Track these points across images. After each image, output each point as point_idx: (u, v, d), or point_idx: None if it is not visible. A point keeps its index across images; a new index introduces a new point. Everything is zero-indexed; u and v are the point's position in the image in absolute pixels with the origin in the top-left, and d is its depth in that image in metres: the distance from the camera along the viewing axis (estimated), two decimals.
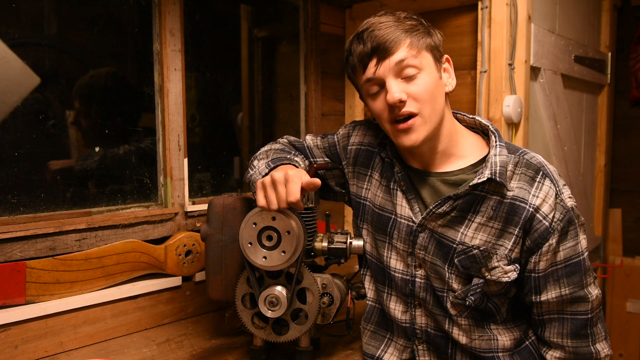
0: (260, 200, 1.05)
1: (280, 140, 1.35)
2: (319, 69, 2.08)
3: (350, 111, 2.23)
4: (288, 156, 1.21)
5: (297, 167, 1.15)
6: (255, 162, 1.23)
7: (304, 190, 1.03)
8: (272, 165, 1.15)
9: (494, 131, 1.10)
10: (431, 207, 1.09)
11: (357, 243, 1.25)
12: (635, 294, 2.67)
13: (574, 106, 2.29)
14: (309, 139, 1.37)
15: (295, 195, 1.01)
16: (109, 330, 1.43)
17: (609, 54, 2.62)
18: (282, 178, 1.02)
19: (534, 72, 1.86)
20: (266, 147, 1.31)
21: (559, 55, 2.04)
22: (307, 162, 1.27)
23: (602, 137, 2.65)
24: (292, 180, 1.02)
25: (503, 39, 1.69)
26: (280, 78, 2.10)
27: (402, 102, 1.04)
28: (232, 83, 1.91)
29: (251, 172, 1.21)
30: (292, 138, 1.37)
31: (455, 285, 1.09)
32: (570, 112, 2.23)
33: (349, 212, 2.25)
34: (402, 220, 1.15)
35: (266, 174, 1.13)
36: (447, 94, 1.12)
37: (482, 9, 1.73)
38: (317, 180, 1.03)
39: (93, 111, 1.51)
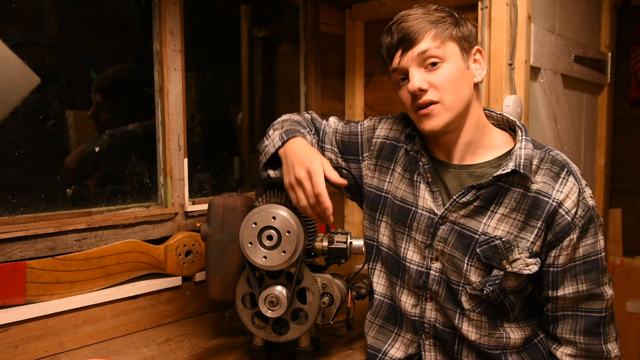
0: (294, 199, 1.11)
1: (305, 114, 1.36)
2: (319, 69, 2.08)
3: (350, 111, 2.23)
4: (302, 130, 1.23)
5: (307, 141, 1.20)
6: (271, 132, 1.25)
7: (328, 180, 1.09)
8: (285, 138, 1.18)
9: (521, 126, 1.12)
10: (455, 197, 1.10)
11: (357, 243, 1.25)
12: (635, 294, 2.67)
13: (574, 106, 2.29)
14: (332, 121, 1.36)
15: (320, 186, 1.06)
16: (109, 330, 1.43)
17: (609, 54, 2.62)
18: (305, 175, 1.07)
19: (534, 72, 1.86)
20: (284, 117, 1.32)
21: (559, 55, 2.04)
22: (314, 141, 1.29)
23: (602, 137, 2.65)
24: (315, 172, 1.06)
25: (503, 39, 1.69)
26: (280, 78, 2.09)
27: (422, 91, 1.07)
28: (232, 83, 1.91)
29: (266, 142, 1.23)
30: (315, 115, 1.37)
31: (473, 278, 1.10)
32: (570, 112, 2.23)
33: (349, 212, 2.25)
34: (423, 212, 1.16)
35: (280, 147, 1.17)
36: (476, 84, 1.13)
37: (482, 9, 1.73)
38: (344, 181, 1.11)
39: (112, 105, 1.53)
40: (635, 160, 2.76)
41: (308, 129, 1.29)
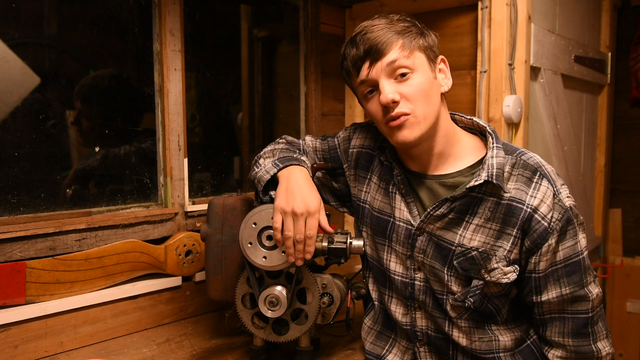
0: (278, 222, 1.10)
1: (280, 140, 1.36)
2: (319, 69, 2.08)
3: (350, 111, 2.23)
4: (294, 156, 1.22)
5: (305, 167, 1.18)
6: (261, 161, 1.24)
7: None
8: (281, 165, 1.16)
9: (491, 132, 1.10)
10: (429, 210, 1.09)
11: (357, 243, 1.25)
12: (635, 294, 2.67)
13: (574, 106, 2.29)
14: (309, 140, 1.37)
15: (313, 231, 1.10)
16: (109, 330, 1.43)
17: (609, 54, 2.62)
18: (304, 211, 1.09)
19: (534, 72, 1.86)
20: (270, 147, 1.31)
21: (559, 55, 2.04)
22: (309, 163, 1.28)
23: (602, 137, 2.66)
24: (313, 216, 1.10)
25: (503, 39, 1.69)
26: (280, 78, 2.10)
27: (395, 103, 1.04)
28: (232, 83, 1.91)
29: (256, 169, 1.22)
30: (290, 138, 1.37)
31: (454, 288, 1.09)
32: (570, 112, 2.23)
33: None
34: (401, 224, 1.15)
35: (275, 174, 1.16)
36: (443, 94, 1.12)
37: (482, 9, 1.73)
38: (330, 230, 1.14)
39: (94, 112, 1.51)
40: (635, 160, 2.76)
41: (298, 152, 1.29)
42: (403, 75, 1.05)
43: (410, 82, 1.05)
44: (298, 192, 1.10)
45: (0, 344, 1.23)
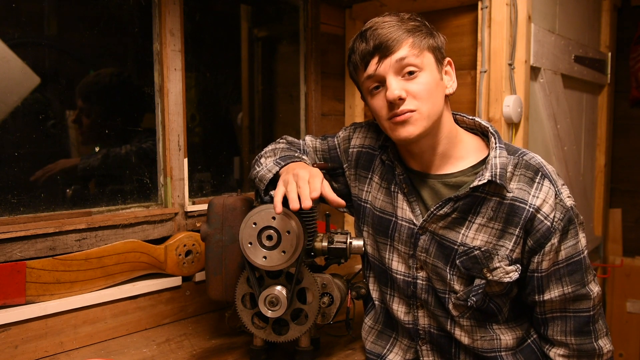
0: (278, 194, 1.05)
1: (280, 140, 1.36)
2: (319, 69, 2.08)
3: (350, 111, 2.23)
4: (295, 154, 1.23)
5: (307, 164, 1.18)
6: (262, 160, 1.25)
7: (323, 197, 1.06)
8: (283, 163, 1.17)
9: (494, 133, 1.11)
10: (432, 209, 1.09)
11: (357, 243, 1.25)
12: (635, 294, 2.67)
13: (574, 106, 2.29)
14: (309, 140, 1.37)
15: (317, 185, 1.03)
16: (109, 330, 1.43)
17: (609, 54, 2.62)
18: (306, 174, 1.05)
19: (534, 72, 1.86)
20: (271, 147, 1.31)
21: (559, 55, 2.04)
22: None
23: (602, 137, 2.66)
24: (315, 178, 1.04)
25: (503, 39, 1.69)
26: (280, 78, 2.09)
27: (401, 100, 1.05)
28: (232, 83, 1.91)
29: (258, 168, 1.22)
30: (290, 138, 1.37)
31: (457, 287, 1.09)
32: (570, 112, 2.23)
33: None
34: (403, 223, 1.15)
35: (277, 172, 1.16)
36: (447, 96, 1.12)
37: (482, 9, 1.73)
38: (342, 201, 1.07)
39: (94, 111, 1.51)
40: (635, 160, 2.77)
41: (299, 151, 1.29)
42: (411, 73, 1.06)
43: (417, 81, 1.06)
44: (300, 169, 1.09)
45: (0, 344, 1.23)
